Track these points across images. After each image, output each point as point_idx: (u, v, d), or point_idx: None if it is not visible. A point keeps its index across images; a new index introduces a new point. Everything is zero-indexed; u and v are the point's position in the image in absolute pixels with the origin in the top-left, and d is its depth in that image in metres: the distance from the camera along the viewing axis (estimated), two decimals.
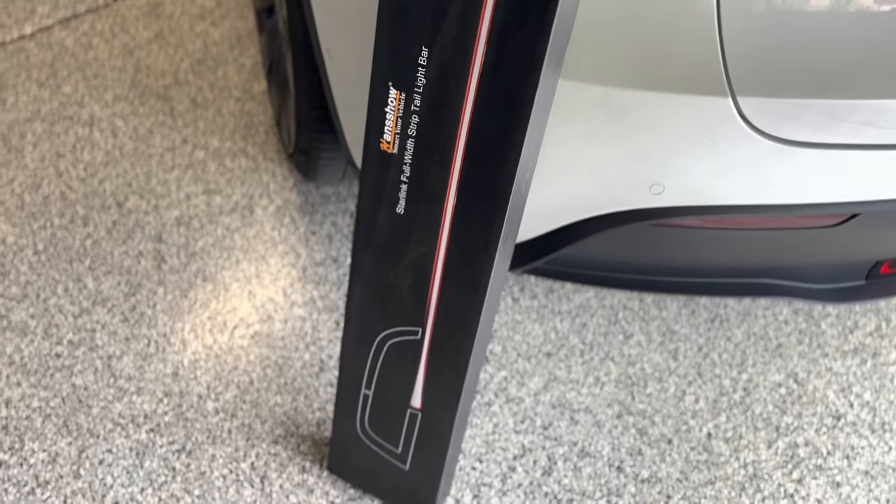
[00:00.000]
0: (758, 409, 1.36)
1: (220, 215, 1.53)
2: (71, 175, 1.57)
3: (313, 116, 1.34)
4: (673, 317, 1.46)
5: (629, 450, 1.30)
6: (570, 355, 1.40)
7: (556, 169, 0.94)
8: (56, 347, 1.34)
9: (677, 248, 1.11)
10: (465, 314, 0.92)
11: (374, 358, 1.02)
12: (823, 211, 0.96)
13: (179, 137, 1.64)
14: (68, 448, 1.24)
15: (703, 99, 0.85)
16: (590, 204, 0.98)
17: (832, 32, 0.82)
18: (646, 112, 0.88)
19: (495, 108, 0.76)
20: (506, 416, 1.32)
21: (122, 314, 1.39)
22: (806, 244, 1.09)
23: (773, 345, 1.44)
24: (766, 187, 0.93)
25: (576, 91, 0.87)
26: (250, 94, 1.73)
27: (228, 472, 1.23)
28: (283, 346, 1.37)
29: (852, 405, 1.38)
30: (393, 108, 0.81)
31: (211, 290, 1.43)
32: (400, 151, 0.84)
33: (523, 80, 0.74)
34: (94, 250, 1.47)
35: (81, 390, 1.30)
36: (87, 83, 1.72)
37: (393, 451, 1.10)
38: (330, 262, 1.48)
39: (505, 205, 0.82)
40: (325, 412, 1.30)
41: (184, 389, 1.31)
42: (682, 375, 1.39)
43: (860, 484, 1.29)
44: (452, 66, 0.76)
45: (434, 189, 0.85)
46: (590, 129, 0.91)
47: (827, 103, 0.85)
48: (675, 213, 0.95)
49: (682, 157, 0.90)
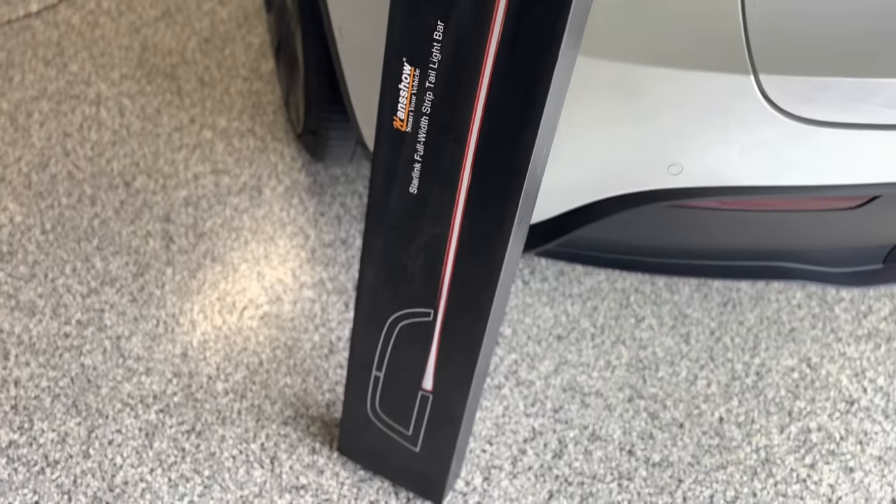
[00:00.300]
0: (770, 394, 1.35)
1: (228, 196, 1.52)
2: (78, 154, 1.56)
3: (323, 96, 1.32)
4: (685, 300, 1.45)
5: (640, 433, 1.29)
6: (581, 338, 1.39)
7: (572, 149, 0.93)
8: (65, 327, 1.34)
9: (692, 229, 1.09)
10: (479, 296, 0.91)
11: (385, 339, 1.01)
12: (844, 193, 0.95)
13: (187, 117, 1.63)
14: (77, 428, 1.23)
15: (724, 76, 0.83)
16: (606, 185, 0.97)
17: (859, 8, 0.80)
18: (664, 90, 0.86)
19: (513, 84, 0.75)
20: (516, 399, 1.31)
21: (131, 294, 1.38)
22: (824, 227, 1.07)
23: (787, 329, 1.43)
24: (787, 168, 0.91)
25: (592, 67, 0.85)
26: (258, 73, 1.72)
27: (238, 453, 1.22)
28: (293, 328, 1.36)
29: (866, 390, 1.37)
30: (407, 85, 0.79)
31: (220, 270, 1.42)
32: (414, 130, 0.82)
33: (542, 54, 0.72)
34: (101, 230, 1.46)
35: (90, 370, 1.29)
36: (94, 62, 1.70)
37: (404, 433, 1.09)
38: (339, 244, 1.47)
39: (521, 185, 0.81)
40: (334, 394, 1.29)
41: (193, 370, 1.30)
42: (694, 359, 1.38)
43: (873, 469, 1.28)
44: (469, 41, 0.74)
45: (448, 168, 0.83)
46: (606, 107, 0.89)
47: (852, 82, 0.83)
48: (693, 195, 0.93)
49: (701, 136, 0.88)
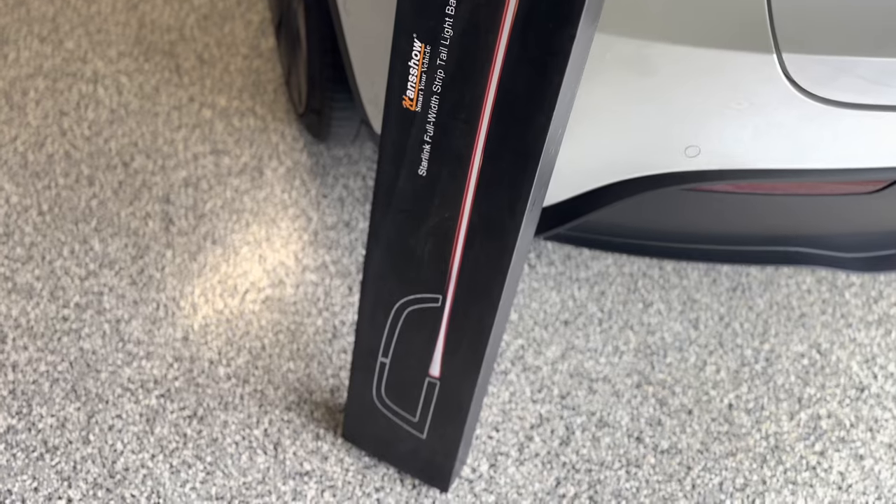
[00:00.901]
0: (780, 380, 1.33)
1: (228, 176, 1.49)
2: (75, 133, 1.53)
3: (326, 74, 1.29)
4: (694, 285, 1.43)
5: (648, 420, 1.27)
6: (589, 324, 1.36)
7: (586, 129, 0.90)
8: (63, 310, 1.31)
9: (705, 213, 1.07)
10: (489, 281, 0.89)
11: (391, 325, 0.99)
12: (865, 177, 0.92)
13: (186, 96, 1.59)
14: (77, 413, 1.21)
15: (746, 55, 0.80)
16: (620, 167, 0.94)
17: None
18: (683, 69, 0.83)
19: (528, 62, 0.72)
20: (523, 385, 1.29)
21: (130, 277, 1.35)
22: (840, 211, 1.04)
23: (797, 314, 1.41)
24: (808, 151, 0.88)
25: (608, 45, 0.82)
26: (258, 50, 1.68)
27: (241, 439, 1.20)
28: (296, 312, 1.33)
29: (876, 377, 1.35)
30: (417, 63, 0.76)
31: (220, 253, 1.39)
32: (423, 109, 0.79)
33: (559, 31, 0.69)
34: (100, 211, 1.43)
35: (89, 354, 1.27)
36: (91, 38, 1.66)
37: (410, 420, 1.07)
38: (342, 226, 1.44)
39: (534, 168, 0.78)
40: (338, 379, 1.27)
41: (194, 354, 1.28)
42: (703, 345, 1.36)
43: (884, 457, 1.26)
44: (482, 16, 0.71)
45: (459, 150, 0.80)
46: (622, 86, 0.86)
47: (877, 62, 0.80)
48: (711, 178, 0.91)
49: (720, 117, 0.86)
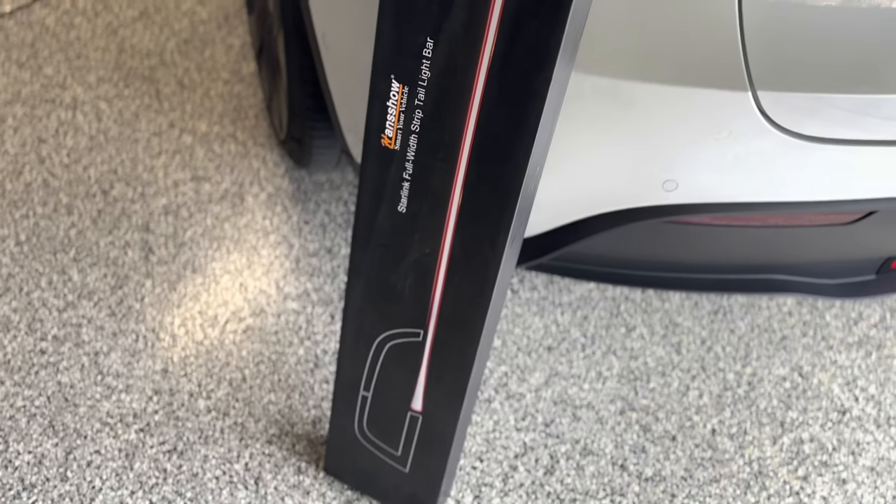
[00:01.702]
0: (763, 404, 1.34)
1: (209, 203, 1.48)
2: (54, 161, 1.51)
3: (307, 103, 1.28)
4: (675, 309, 1.43)
5: (632, 447, 1.27)
6: (572, 349, 1.36)
7: (566, 164, 0.90)
8: (40, 343, 1.30)
9: (686, 244, 1.07)
10: (470, 316, 0.88)
11: (373, 359, 0.98)
12: (840, 209, 0.93)
13: (166, 121, 1.58)
14: (54, 449, 1.19)
15: (722, 93, 0.80)
16: (600, 200, 0.94)
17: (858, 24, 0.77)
18: (661, 106, 0.83)
19: (505, 103, 0.72)
20: (507, 413, 1.29)
21: (109, 308, 1.34)
22: (818, 241, 1.05)
23: (778, 337, 1.42)
24: (783, 184, 0.89)
25: (588, 84, 0.83)
26: (239, 75, 1.67)
27: (221, 474, 1.19)
28: (277, 341, 1.32)
29: (857, 399, 1.36)
30: (395, 103, 0.76)
31: (201, 282, 1.38)
32: (402, 148, 0.79)
33: (536, 73, 0.69)
34: (78, 241, 1.41)
35: (67, 388, 1.25)
36: (70, 64, 1.65)
37: (392, 454, 1.07)
38: (324, 253, 1.44)
39: (513, 205, 0.78)
40: (320, 410, 1.26)
41: (174, 387, 1.26)
42: (686, 370, 1.36)
43: (866, 480, 1.27)
44: (460, 59, 0.71)
45: (438, 188, 0.80)
46: (601, 123, 0.87)
47: (850, 98, 0.81)
48: (689, 211, 0.91)
49: (698, 153, 0.86)
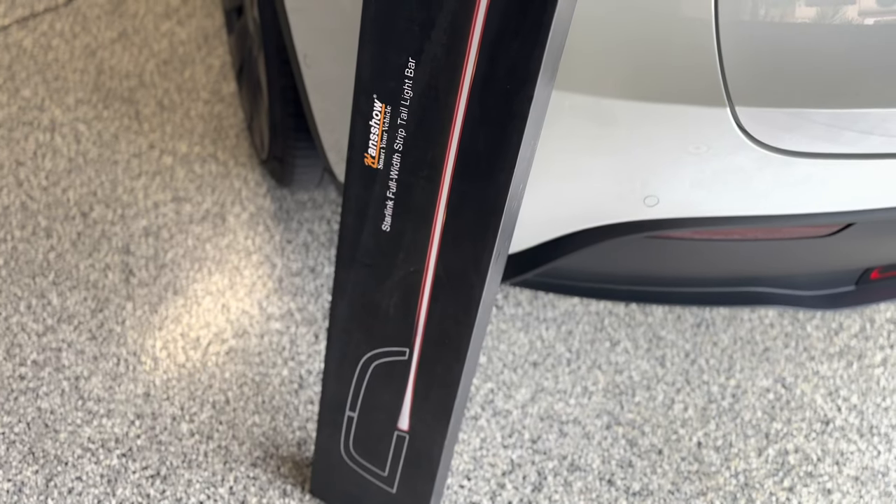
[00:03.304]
0: (747, 416, 1.34)
1: (190, 224, 1.47)
2: (32, 184, 1.50)
3: (288, 123, 1.28)
4: (659, 322, 1.44)
5: (619, 462, 1.27)
6: (557, 364, 1.37)
7: (548, 181, 0.90)
8: (20, 368, 1.27)
9: (668, 258, 1.08)
10: (456, 334, 0.88)
11: (358, 379, 0.98)
12: (820, 221, 0.94)
13: (146, 142, 1.57)
14: (35, 477, 1.17)
15: (701, 109, 0.81)
16: (582, 216, 0.95)
17: (834, 41, 0.79)
18: (640, 123, 0.84)
19: (487, 122, 0.72)
20: (493, 431, 1.28)
21: (90, 332, 1.32)
22: (798, 254, 1.06)
23: (760, 349, 1.43)
24: (763, 198, 0.90)
25: (568, 102, 0.83)
26: (219, 95, 1.67)
27: (206, 498, 1.17)
28: (260, 362, 1.31)
29: (840, 409, 1.37)
30: (378, 122, 0.76)
31: (182, 304, 1.37)
32: (385, 167, 0.79)
33: (517, 92, 0.70)
34: (58, 264, 1.40)
35: (48, 414, 1.23)
36: (48, 86, 1.64)
37: (379, 475, 1.06)
38: (307, 272, 1.43)
39: (497, 222, 0.78)
40: (305, 431, 1.25)
41: (156, 411, 1.25)
42: (671, 383, 1.37)
43: (851, 490, 1.28)
44: (441, 79, 0.71)
45: (422, 206, 0.80)
46: (582, 140, 0.87)
47: (828, 113, 0.82)
48: (670, 226, 0.92)
49: (678, 168, 0.87)
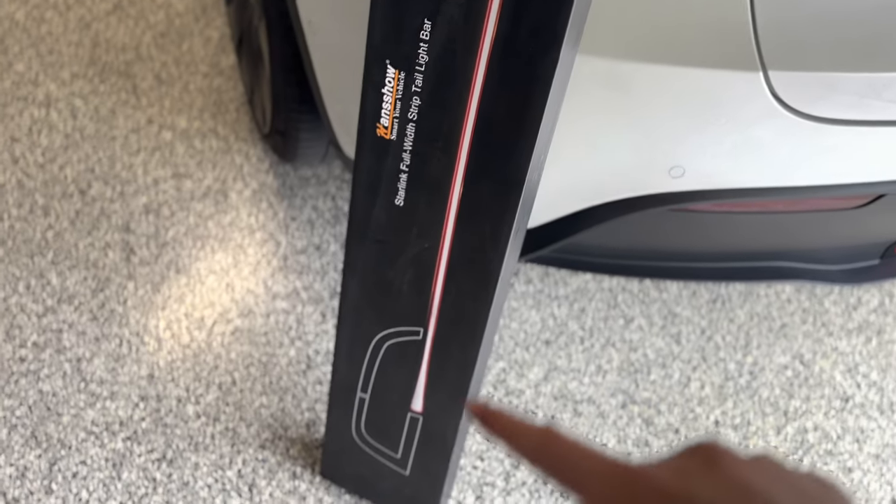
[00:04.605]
0: (765, 394, 1.31)
1: (191, 201, 1.43)
2: (28, 161, 1.45)
3: (291, 94, 1.24)
4: (674, 299, 1.41)
5: (636, 441, 1.24)
6: (570, 343, 1.33)
7: (569, 152, 0.86)
8: (20, 350, 1.24)
9: (689, 232, 1.04)
10: (472, 312, 0.85)
11: (370, 360, 0.94)
12: (851, 192, 0.90)
13: (144, 117, 1.53)
14: (38, 461, 1.14)
15: (732, 74, 0.77)
16: (604, 189, 0.91)
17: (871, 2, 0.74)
18: (667, 89, 0.80)
19: (508, 88, 0.68)
20: None
21: (91, 312, 1.29)
22: (825, 226, 1.03)
23: (777, 325, 1.39)
24: (794, 168, 0.86)
25: (590, 65, 0.79)
26: (218, 68, 1.62)
27: (213, 482, 1.15)
28: (267, 343, 1.28)
29: (860, 386, 1.34)
30: (391, 90, 0.72)
31: (185, 283, 1.33)
32: (399, 137, 0.75)
33: (541, 55, 0.65)
34: (56, 243, 1.36)
35: (50, 397, 1.20)
36: (42, 60, 1.59)
37: (392, 456, 1.03)
38: (312, 250, 1.39)
39: (517, 195, 0.74)
40: (314, 412, 1.22)
41: (161, 393, 1.22)
42: (686, 360, 1.34)
43: (872, 468, 1.25)
44: (460, 41, 0.67)
45: (437, 179, 0.76)
46: (605, 107, 0.83)
47: (864, 77, 0.78)
48: (696, 198, 0.88)
49: (705, 137, 0.83)
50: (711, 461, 0.31)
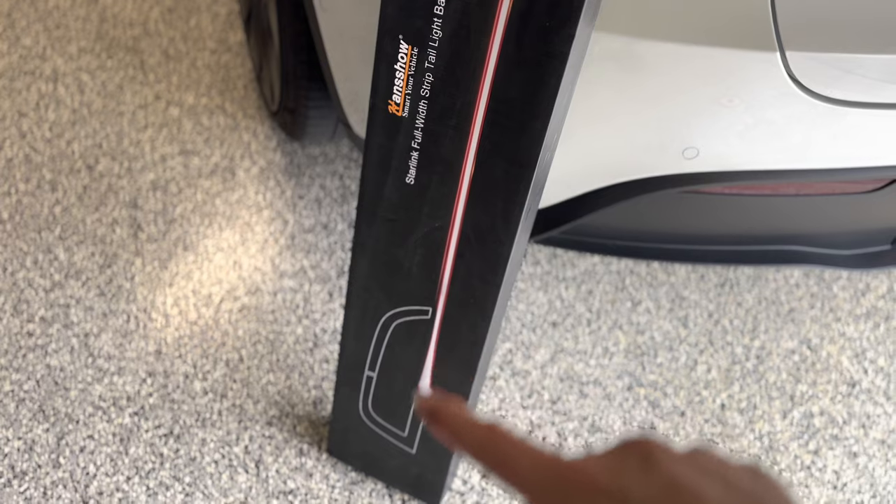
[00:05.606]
0: (772, 378, 1.31)
1: (198, 178, 1.43)
2: (35, 136, 1.45)
3: (301, 72, 1.23)
4: (682, 282, 1.40)
5: (641, 423, 1.25)
6: (577, 325, 1.33)
7: (582, 132, 0.85)
8: (27, 325, 1.24)
9: (699, 215, 1.03)
10: (482, 293, 0.84)
11: (378, 338, 0.94)
12: (864, 176, 0.89)
13: (151, 93, 1.52)
14: (46, 435, 1.15)
15: (748, 54, 0.76)
16: (616, 169, 0.90)
17: None
18: (682, 68, 0.79)
19: (522, 65, 0.67)
20: (512, 391, 1.26)
21: (98, 288, 1.29)
22: (838, 211, 1.02)
23: (785, 309, 1.39)
24: (809, 151, 0.85)
25: (605, 44, 0.78)
26: (226, 45, 1.61)
27: (220, 458, 1.15)
28: (274, 320, 1.28)
29: (867, 371, 1.34)
30: (403, 66, 0.71)
31: (193, 260, 1.33)
32: (411, 115, 0.74)
33: (558, 30, 0.64)
34: (64, 218, 1.36)
35: (57, 371, 1.21)
36: (49, 34, 1.58)
37: (399, 435, 1.03)
38: (320, 229, 1.39)
39: (530, 176, 0.74)
40: (321, 390, 1.22)
41: (168, 369, 1.22)
42: (693, 344, 1.33)
43: (877, 454, 1.25)
44: (474, 16, 0.66)
45: (449, 157, 0.76)
46: (618, 86, 0.82)
47: (884, 59, 0.77)
48: (710, 180, 0.87)
49: (720, 118, 0.82)
50: (645, 456, 0.31)
